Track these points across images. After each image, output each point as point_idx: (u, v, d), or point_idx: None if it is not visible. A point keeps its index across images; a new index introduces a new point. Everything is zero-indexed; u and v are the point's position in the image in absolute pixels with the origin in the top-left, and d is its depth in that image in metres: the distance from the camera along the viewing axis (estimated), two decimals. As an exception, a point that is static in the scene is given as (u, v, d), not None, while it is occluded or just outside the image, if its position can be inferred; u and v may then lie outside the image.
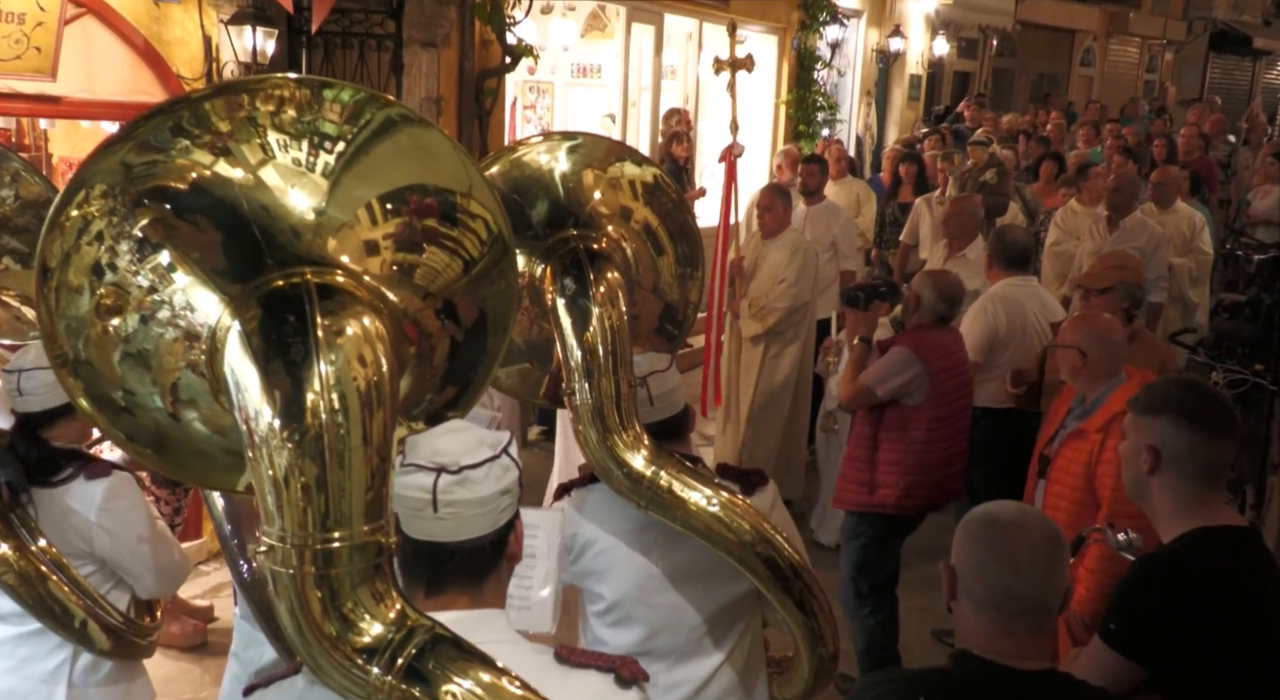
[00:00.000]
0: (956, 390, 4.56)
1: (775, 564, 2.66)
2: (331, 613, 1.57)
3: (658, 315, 3.05)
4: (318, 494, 1.58)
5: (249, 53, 5.79)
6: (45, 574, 2.95)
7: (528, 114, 10.52)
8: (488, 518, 1.79)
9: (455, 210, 1.85)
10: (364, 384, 1.64)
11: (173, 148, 1.63)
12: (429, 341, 1.89)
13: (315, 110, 1.69)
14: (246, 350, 1.63)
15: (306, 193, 1.69)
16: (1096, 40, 23.05)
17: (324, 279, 1.69)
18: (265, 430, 1.60)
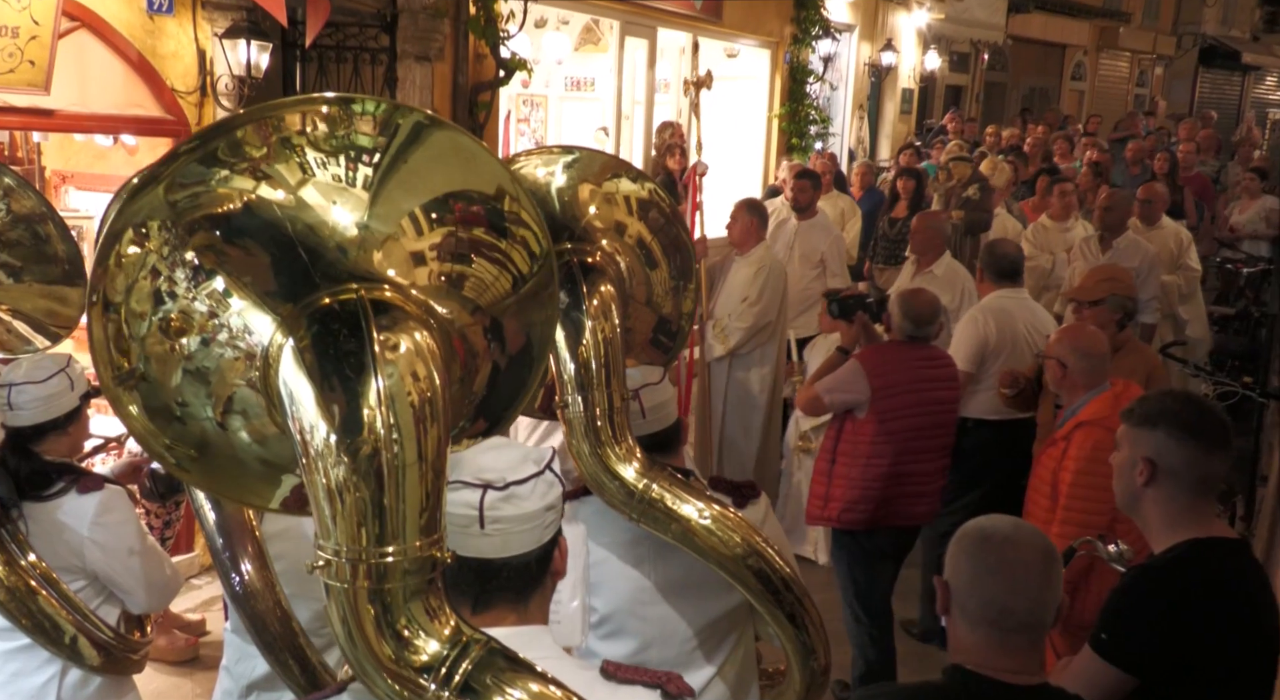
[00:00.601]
0: (908, 408, 4.47)
1: (767, 577, 2.66)
2: (386, 630, 1.57)
3: (651, 328, 3.05)
4: (372, 510, 1.58)
5: (243, 66, 5.81)
6: (35, 589, 2.94)
7: (521, 127, 10.54)
8: (533, 534, 1.79)
9: (502, 219, 1.83)
10: (418, 399, 1.63)
11: (212, 178, 1.63)
12: (474, 361, 1.87)
13: (347, 124, 1.68)
14: (301, 366, 1.63)
15: (349, 208, 1.68)
16: (1087, 55, 23.17)
17: (374, 295, 1.68)
18: (320, 445, 1.59)
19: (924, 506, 4.59)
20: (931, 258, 6.40)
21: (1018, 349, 5.20)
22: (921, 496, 4.55)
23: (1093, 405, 3.71)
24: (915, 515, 4.58)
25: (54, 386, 3.05)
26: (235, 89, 5.89)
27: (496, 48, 7.48)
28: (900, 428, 4.46)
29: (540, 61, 9.68)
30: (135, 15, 5.60)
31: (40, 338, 3.36)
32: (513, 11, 7.52)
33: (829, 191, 9.49)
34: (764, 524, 2.85)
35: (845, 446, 4.53)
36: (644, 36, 10.64)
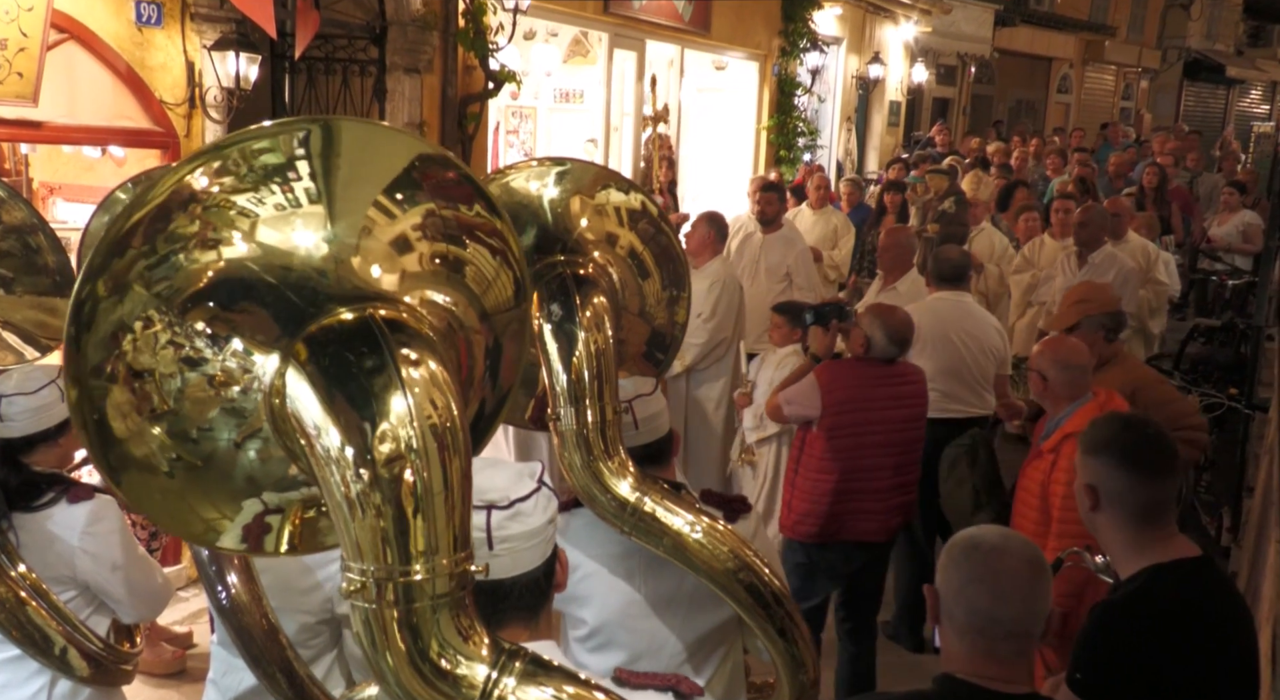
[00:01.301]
0: (859, 426, 4.44)
1: (757, 591, 2.66)
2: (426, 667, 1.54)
3: (644, 339, 3.05)
4: (397, 528, 1.54)
5: (232, 78, 5.80)
6: (24, 600, 2.92)
7: (510, 139, 10.55)
8: (539, 549, 1.79)
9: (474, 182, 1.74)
10: (439, 417, 1.59)
11: (174, 259, 1.59)
12: (469, 391, 1.83)
13: (246, 158, 1.61)
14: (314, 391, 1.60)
15: (310, 227, 1.62)
16: (1073, 68, 23.34)
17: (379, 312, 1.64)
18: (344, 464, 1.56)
19: (875, 524, 4.48)
20: (897, 274, 6.38)
21: (942, 347, 5.35)
22: (872, 515, 4.46)
23: (1079, 416, 3.72)
24: (866, 533, 4.47)
25: (45, 397, 3.04)
26: (224, 101, 5.89)
27: (485, 60, 7.50)
28: (849, 445, 4.43)
29: (529, 73, 9.70)
30: (124, 27, 5.59)
31: (30, 349, 3.35)
32: (502, 24, 7.53)
33: (822, 207, 9.43)
34: (754, 538, 2.84)
35: (804, 458, 4.54)
36: (633, 49, 10.67)
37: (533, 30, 9.72)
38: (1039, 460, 3.78)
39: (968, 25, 18.19)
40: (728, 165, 12.75)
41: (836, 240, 9.21)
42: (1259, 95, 29.21)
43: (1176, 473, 2.47)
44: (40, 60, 5.03)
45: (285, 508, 1.76)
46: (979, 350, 5.45)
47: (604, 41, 10.37)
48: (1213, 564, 2.48)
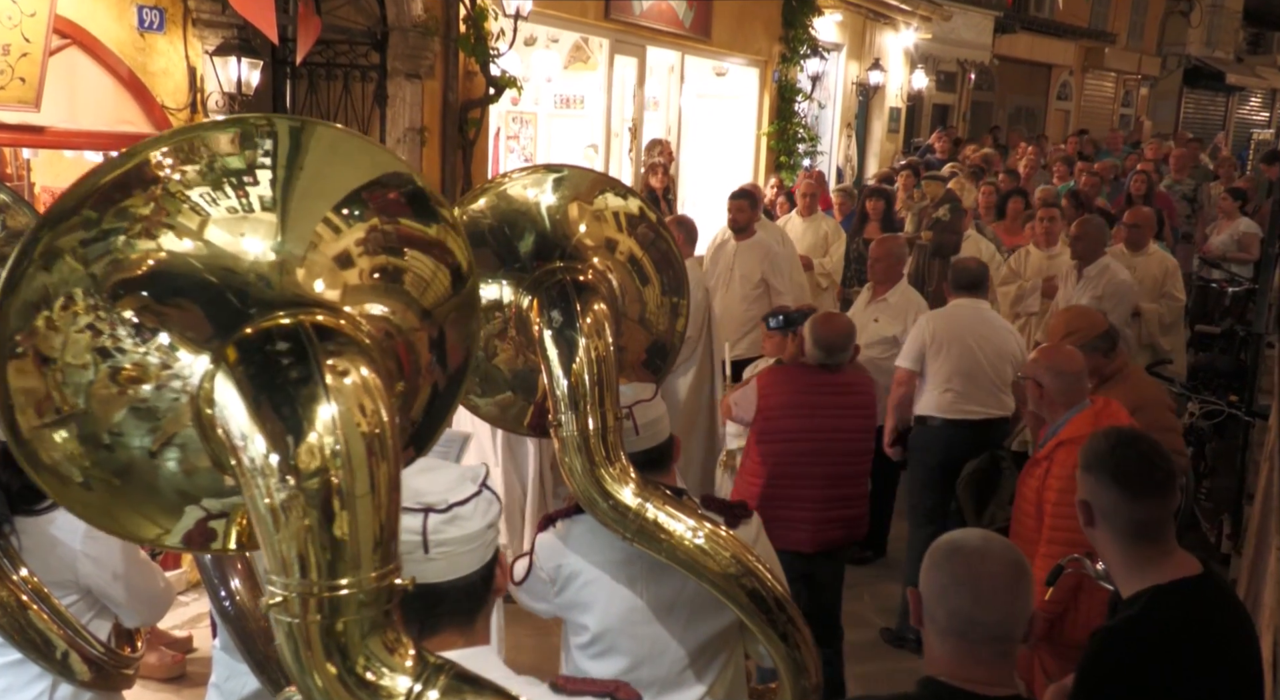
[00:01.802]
0: (791, 433, 4.44)
1: (759, 596, 2.65)
2: (348, 675, 1.51)
3: (644, 346, 3.05)
4: (322, 541, 1.51)
5: (233, 83, 5.82)
6: (26, 604, 2.92)
7: (511, 144, 10.55)
8: (478, 553, 1.78)
9: (426, 201, 1.73)
10: (367, 426, 1.56)
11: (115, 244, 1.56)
12: (416, 380, 1.82)
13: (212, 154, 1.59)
14: (242, 397, 1.57)
15: (260, 235, 1.61)
16: (1073, 75, 23.37)
17: (313, 318, 1.61)
18: (268, 475, 1.52)
19: (803, 535, 4.41)
20: (888, 286, 6.39)
21: (960, 350, 5.50)
22: (800, 525, 4.41)
23: (1073, 423, 3.73)
24: (793, 542, 4.35)
25: None
26: (226, 106, 5.90)
27: (486, 65, 7.51)
28: (778, 451, 4.43)
29: (530, 79, 9.71)
30: (126, 32, 5.61)
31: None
32: (503, 30, 7.55)
33: (810, 214, 9.34)
34: (756, 543, 2.85)
35: (744, 461, 4.58)
36: (633, 55, 10.68)
37: (533, 36, 9.73)
38: (1036, 468, 3.80)
39: (968, 32, 18.21)
40: (728, 171, 12.76)
41: (827, 247, 9.09)
42: (1259, 102, 29.26)
43: (1170, 492, 2.44)
44: (43, 65, 5.04)
45: (230, 512, 1.72)
46: (994, 354, 5.54)
47: (605, 47, 10.37)
48: (1213, 580, 2.45)
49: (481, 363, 2.93)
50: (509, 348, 2.88)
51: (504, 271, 2.81)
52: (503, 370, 2.95)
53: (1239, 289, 9.94)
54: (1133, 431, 2.55)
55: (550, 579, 2.83)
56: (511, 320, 2.81)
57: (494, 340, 2.89)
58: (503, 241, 2.80)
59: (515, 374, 2.95)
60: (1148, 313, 7.09)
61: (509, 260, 2.80)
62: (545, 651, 4.82)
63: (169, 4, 5.77)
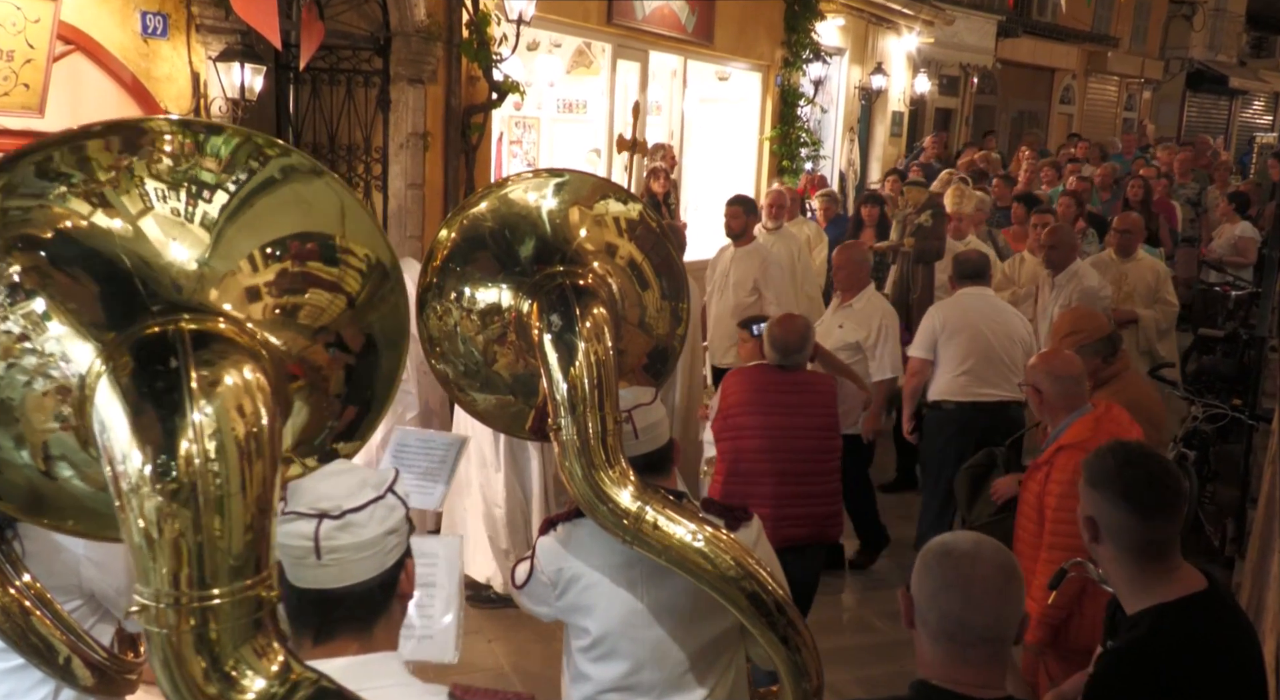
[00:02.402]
0: (746, 430, 4.50)
1: (760, 599, 2.64)
2: (213, 673, 1.50)
3: (644, 351, 3.05)
4: (194, 551, 1.51)
5: (237, 89, 5.83)
6: (29, 609, 2.92)
7: (514, 149, 10.55)
8: (374, 560, 1.78)
9: (335, 251, 1.82)
10: (243, 435, 1.57)
11: (50, 193, 1.58)
12: (319, 374, 1.86)
13: (194, 160, 1.65)
14: (117, 399, 1.56)
15: (187, 244, 1.65)
16: (1076, 79, 23.35)
17: (203, 326, 1.64)
18: (136, 483, 1.52)
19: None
20: (853, 292, 6.36)
21: (971, 335, 5.72)
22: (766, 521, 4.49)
23: (1074, 428, 3.74)
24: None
25: None
26: (229, 111, 5.92)
27: (489, 70, 7.52)
28: (735, 448, 4.51)
29: (532, 84, 9.72)
30: (130, 38, 5.63)
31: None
32: (505, 35, 7.56)
33: (794, 218, 9.28)
34: (756, 546, 2.84)
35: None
36: (636, 59, 10.69)
37: (536, 41, 9.74)
38: (1037, 472, 3.80)
39: (970, 36, 18.22)
40: (731, 176, 12.76)
41: (811, 249, 9.07)
42: (1262, 106, 29.22)
43: (1178, 511, 2.41)
44: (46, 71, 5.06)
45: None
46: (1006, 338, 5.75)
47: (607, 52, 10.39)
48: (1218, 595, 2.43)
49: (481, 367, 2.94)
50: (509, 352, 2.89)
51: (504, 275, 2.82)
52: (503, 374, 2.96)
53: (1242, 292, 9.92)
54: (1141, 448, 2.51)
55: (551, 582, 2.82)
56: (511, 324, 2.82)
57: (494, 345, 2.89)
58: (503, 245, 2.81)
59: (516, 378, 2.95)
60: (1144, 319, 7.04)
61: (509, 264, 2.81)
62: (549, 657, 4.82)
63: (172, 10, 5.79)
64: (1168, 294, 7.23)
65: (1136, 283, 7.13)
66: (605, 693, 2.82)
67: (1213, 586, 2.41)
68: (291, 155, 1.76)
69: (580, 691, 2.86)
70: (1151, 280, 7.20)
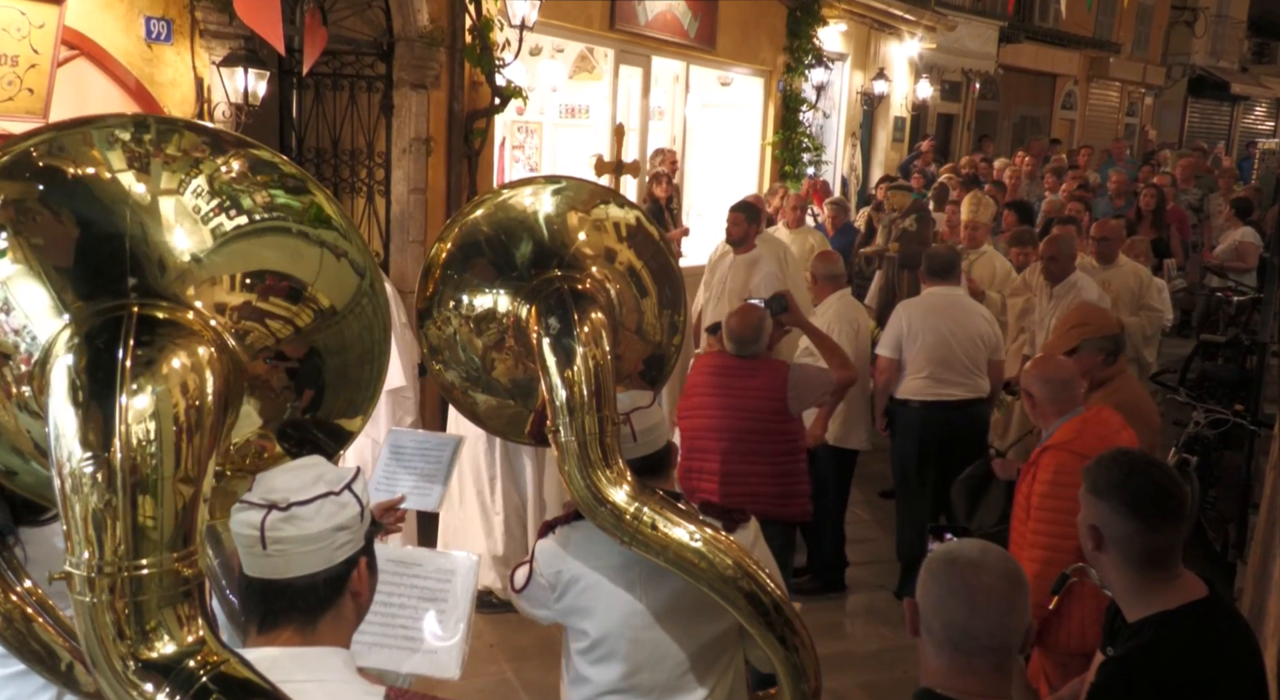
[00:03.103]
0: (698, 410, 4.80)
1: (758, 600, 2.66)
2: (132, 632, 1.57)
3: (641, 357, 3.07)
4: (125, 525, 1.59)
5: (240, 94, 5.85)
6: (30, 616, 2.92)
7: (516, 154, 10.57)
8: (320, 554, 1.80)
9: (301, 294, 1.95)
10: (181, 415, 1.65)
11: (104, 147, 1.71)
12: (259, 379, 1.95)
13: (252, 186, 1.78)
14: (64, 381, 1.65)
15: (191, 238, 1.75)
16: (1078, 84, 23.35)
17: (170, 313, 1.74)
18: (73, 463, 1.60)
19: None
20: (826, 294, 6.34)
21: (934, 337, 5.83)
22: (706, 495, 4.58)
23: (1061, 429, 3.74)
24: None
25: None
26: (233, 117, 5.94)
27: (492, 75, 7.53)
28: (690, 425, 4.80)
29: (535, 89, 9.73)
30: (134, 44, 5.64)
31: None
32: (508, 40, 7.57)
33: (798, 226, 9.19)
34: (754, 547, 2.86)
35: None
36: (638, 65, 10.71)
37: (539, 46, 9.76)
38: (1025, 474, 3.83)
39: (972, 42, 18.22)
40: (733, 181, 12.77)
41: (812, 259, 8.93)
42: (1263, 112, 29.19)
43: (1182, 520, 2.41)
44: (51, 76, 5.08)
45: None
46: (966, 338, 5.85)
47: (610, 57, 10.40)
48: (1219, 603, 2.43)
49: (481, 373, 2.96)
50: (508, 357, 2.92)
51: (502, 280, 2.84)
52: (502, 380, 2.98)
53: (1244, 298, 9.91)
54: (1145, 458, 2.50)
55: (550, 585, 2.84)
56: (510, 329, 2.84)
57: (491, 352, 2.92)
58: (501, 251, 2.83)
59: (515, 383, 2.98)
60: (1130, 326, 6.82)
61: (507, 269, 2.83)
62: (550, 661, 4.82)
63: (176, 15, 5.81)
64: (1152, 300, 7.13)
65: (1120, 290, 7.01)
66: (604, 695, 2.83)
67: (1213, 594, 2.41)
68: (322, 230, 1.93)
69: (579, 694, 2.87)
70: (1135, 286, 7.10)
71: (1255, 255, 10.36)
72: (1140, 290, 7.10)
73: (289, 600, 1.80)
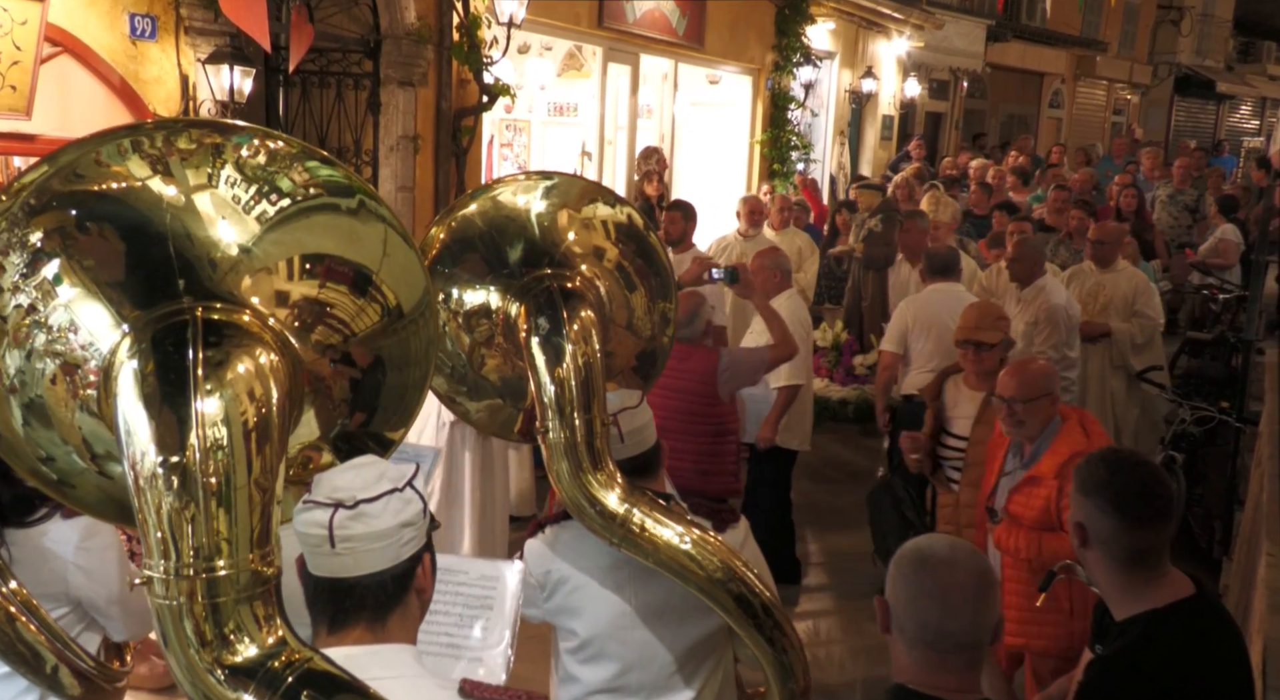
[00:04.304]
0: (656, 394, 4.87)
1: (747, 601, 2.65)
2: (213, 636, 1.58)
3: (632, 353, 3.06)
4: (201, 527, 1.60)
5: (226, 91, 5.82)
6: (15, 616, 2.89)
7: (504, 152, 10.54)
8: (388, 552, 1.80)
9: (366, 284, 1.92)
10: (251, 419, 1.66)
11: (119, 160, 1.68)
12: (323, 384, 1.94)
13: (284, 167, 1.75)
14: (134, 387, 1.65)
15: (236, 229, 1.73)
16: (1065, 83, 23.41)
17: (227, 316, 1.73)
18: (147, 468, 1.61)
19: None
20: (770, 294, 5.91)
21: (939, 332, 5.79)
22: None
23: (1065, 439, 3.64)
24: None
25: None
26: (218, 114, 5.90)
27: (480, 73, 7.52)
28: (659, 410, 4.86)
29: (523, 87, 9.71)
30: (118, 41, 5.62)
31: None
32: (496, 38, 7.55)
33: (785, 227, 8.95)
34: (743, 548, 2.84)
35: None
36: (627, 63, 10.69)
37: (527, 44, 9.73)
38: (1037, 486, 3.63)
39: (960, 40, 18.24)
40: (721, 179, 12.77)
41: (801, 263, 8.66)
42: (1249, 111, 29.31)
43: (1167, 519, 2.40)
44: (34, 73, 5.05)
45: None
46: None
47: (598, 55, 10.39)
48: (1206, 600, 2.44)
49: (469, 372, 2.94)
50: (497, 355, 2.89)
51: (492, 277, 2.82)
52: (491, 378, 2.96)
53: (1229, 295, 9.93)
54: (1133, 457, 2.50)
55: (539, 584, 2.82)
56: (499, 327, 2.82)
57: (481, 349, 2.90)
58: (492, 247, 2.81)
59: (504, 381, 2.96)
60: (1118, 332, 6.74)
61: (497, 266, 2.81)
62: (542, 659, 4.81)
63: (161, 12, 5.78)
64: (1146, 307, 6.86)
65: (1113, 295, 6.81)
66: (593, 694, 2.81)
67: (1201, 592, 2.41)
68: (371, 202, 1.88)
69: (568, 693, 2.86)
70: (1129, 292, 6.85)
71: (1235, 252, 10.36)
72: (1134, 296, 6.88)
73: (358, 599, 1.80)
